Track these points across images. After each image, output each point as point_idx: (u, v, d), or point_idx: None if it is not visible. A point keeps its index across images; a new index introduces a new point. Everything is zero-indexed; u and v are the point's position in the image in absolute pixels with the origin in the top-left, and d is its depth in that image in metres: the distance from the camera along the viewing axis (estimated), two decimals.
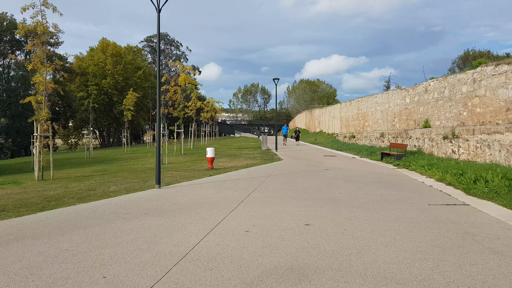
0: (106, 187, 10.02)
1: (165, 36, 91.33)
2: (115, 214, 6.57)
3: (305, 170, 13.70)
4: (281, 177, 11.57)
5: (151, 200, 7.87)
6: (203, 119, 37.88)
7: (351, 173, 12.82)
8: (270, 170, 13.51)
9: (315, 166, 15.00)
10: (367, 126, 27.32)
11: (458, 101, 15.41)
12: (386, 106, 23.54)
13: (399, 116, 21.51)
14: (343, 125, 34.61)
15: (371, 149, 21.58)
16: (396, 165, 15.39)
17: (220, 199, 7.93)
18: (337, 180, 10.97)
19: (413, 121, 19.72)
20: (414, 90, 19.77)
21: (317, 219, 6.18)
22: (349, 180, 11.09)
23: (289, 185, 9.94)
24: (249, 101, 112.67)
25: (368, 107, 27.26)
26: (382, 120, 24.30)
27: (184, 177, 11.80)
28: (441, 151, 15.46)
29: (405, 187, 9.80)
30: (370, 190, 9.25)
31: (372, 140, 24.18)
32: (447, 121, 16.24)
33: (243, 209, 6.92)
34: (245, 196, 8.33)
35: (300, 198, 8.13)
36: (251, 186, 9.73)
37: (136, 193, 8.78)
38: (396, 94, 22.06)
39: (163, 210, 6.88)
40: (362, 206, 7.28)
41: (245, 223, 5.88)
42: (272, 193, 8.77)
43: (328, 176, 11.86)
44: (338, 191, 9.01)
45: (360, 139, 27.06)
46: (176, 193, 8.68)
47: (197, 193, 8.68)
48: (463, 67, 50.48)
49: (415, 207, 7.17)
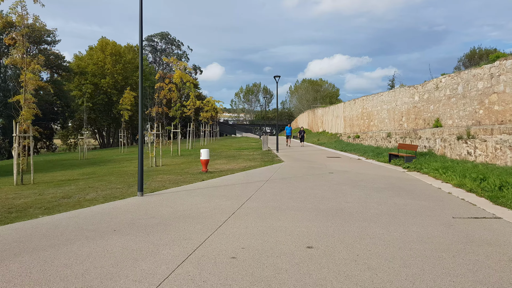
0: (84, 194, 8.92)
1: (166, 35, 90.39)
2: (78, 231, 5.46)
3: (308, 173, 12.57)
4: (280, 182, 10.45)
5: (127, 211, 6.76)
6: (203, 119, 36.77)
7: (358, 177, 11.68)
8: (269, 174, 12.38)
9: (318, 169, 13.87)
10: (373, 125, 26.14)
11: (473, 98, 14.24)
12: (393, 105, 22.36)
13: (407, 115, 20.33)
14: (347, 125, 33.43)
15: (378, 150, 20.41)
16: (405, 167, 14.23)
17: (209, 210, 6.82)
18: (343, 186, 9.84)
19: (422, 120, 18.54)
20: (423, 87, 18.59)
21: (322, 238, 5.06)
22: (356, 185, 9.95)
23: (289, 192, 8.82)
24: (251, 101, 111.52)
25: (373, 106, 26.08)
26: (388, 120, 23.13)
27: (174, 182, 10.69)
28: (454, 152, 14.28)
29: (421, 194, 8.65)
30: (381, 198, 8.11)
31: (378, 140, 23.01)
32: (461, 120, 15.06)
33: (233, 224, 5.80)
34: (238, 206, 7.21)
35: (301, 208, 7.00)
36: (246, 193, 8.61)
37: (114, 202, 7.68)
38: (404, 92, 20.88)
39: (137, 225, 5.78)
40: (374, 219, 6.15)
41: (233, 245, 4.76)
42: (270, 202, 7.64)
43: (333, 181, 10.72)
44: (345, 200, 7.88)
45: (365, 139, 25.89)
46: (159, 203, 7.56)
47: (183, 202, 7.56)
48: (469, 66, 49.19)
49: (438, 221, 6.03)
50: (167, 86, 18.06)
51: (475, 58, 54.79)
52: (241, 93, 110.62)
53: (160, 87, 17.84)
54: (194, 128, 29.57)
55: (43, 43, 43.32)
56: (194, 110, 30.45)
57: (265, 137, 26.38)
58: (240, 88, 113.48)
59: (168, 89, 18.11)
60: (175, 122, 23.12)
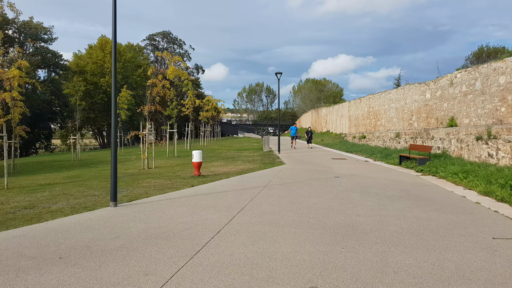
0: (52, 203, 7.70)
1: (168, 34, 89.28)
2: (14, 258, 4.23)
3: (311, 178, 11.29)
4: (280, 189, 9.18)
5: (89, 228, 5.52)
6: (203, 119, 35.54)
7: (368, 182, 10.39)
8: (269, 178, 11.11)
9: (323, 173, 12.59)
10: (379, 125, 24.82)
11: (493, 94, 12.91)
12: (402, 103, 21.04)
13: (418, 114, 19.00)
14: (352, 125, 32.11)
15: (386, 151, 19.10)
16: (419, 171, 12.92)
17: (190, 227, 5.57)
18: (352, 193, 8.55)
19: (434, 119, 17.21)
20: (436, 84, 17.26)
21: (330, 273, 3.79)
22: (367, 192, 8.67)
23: (289, 202, 7.55)
24: (254, 101, 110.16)
25: (380, 104, 24.76)
26: (397, 119, 21.80)
27: (159, 188, 9.45)
28: (473, 154, 12.96)
29: (444, 204, 7.36)
30: (398, 209, 6.83)
31: (386, 141, 21.68)
32: (479, 119, 13.74)
33: (216, 249, 4.55)
34: (227, 220, 5.96)
35: (303, 224, 5.74)
36: (239, 203, 7.35)
37: (79, 215, 6.44)
38: (414, 89, 19.55)
39: (93, 249, 4.53)
40: (395, 240, 4.88)
41: (209, 285, 3.50)
42: (265, 215, 6.38)
43: (340, 187, 9.44)
44: (356, 212, 6.61)
45: (371, 140, 24.56)
46: (132, 216, 6.32)
47: (161, 216, 6.32)
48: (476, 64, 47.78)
49: (477, 244, 4.75)
50: (160, 83, 16.83)
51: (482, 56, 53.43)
52: (244, 93, 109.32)
53: (153, 84, 16.62)
54: (193, 128, 28.31)
55: (39, 41, 42.30)
56: (193, 109, 29.22)
57: (266, 138, 25.11)
58: (243, 88, 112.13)
59: (161, 86, 16.89)
60: (171, 121, 21.90)
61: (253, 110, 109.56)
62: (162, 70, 16.63)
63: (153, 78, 16.59)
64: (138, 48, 70.97)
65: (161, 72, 16.79)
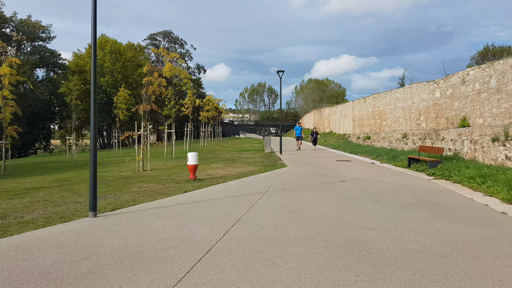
0: (27, 212, 6.90)
1: (169, 33, 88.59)
2: None
3: (315, 182, 10.45)
4: (281, 195, 8.35)
5: (57, 245, 4.71)
6: (203, 119, 34.74)
7: (377, 187, 9.55)
8: (269, 182, 10.28)
9: (328, 176, 11.74)
10: (385, 125, 23.95)
11: (510, 92, 12.05)
12: (409, 102, 20.17)
13: (426, 114, 18.14)
14: (356, 125, 31.25)
15: (392, 153, 18.24)
16: (430, 174, 12.07)
17: (175, 244, 4.75)
18: (361, 200, 7.72)
19: (445, 119, 16.35)
20: (446, 82, 16.39)
21: None
22: (377, 199, 7.84)
23: (291, 211, 6.72)
24: (256, 101, 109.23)
25: (386, 104, 23.89)
26: (403, 119, 20.93)
27: (149, 194, 8.64)
28: (488, 156, 12.09)
29: (466, 215, 6.52)
30: (416, 221, 6.00)
31: (392, 141, 20.81)
32: (494, 119, 12.88)
33: (202, 277, 3.73)
34: (219, 235, 5.14)
35: (308, 241, 4.91)
36: (235, 213, 6.54)
37: (51, 228, 5.64)
38: (422, 88, 18.68)
39: (52, 276, 3.72)
40: (419, 264, 4.05)
41: None
42: (264, 228, 5.56)
43: (347, 193, 8.60)
44: (368, 224, 5.78)
45: (377, 141, 23.69)
46: (111, 229, 5.51)
47: (144, 229, 5.50)
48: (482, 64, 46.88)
49: None
50: (156, 81, 16.03)
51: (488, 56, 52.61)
52: (246, 93, 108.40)
53: (149, 82, 15.82)
54: (193, 128, 27.53)
55: (37, 40, 41.61)
56: (193, 109, 28.45)
57: (267, 138, 24.28)
58: (245, 88, 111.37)
59: (157, 84, 16.08)
60: (169, 121, 21.10)
61: (255, 111, 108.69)
62: (158, 67, 15.70)
63: (149, 76, 15.78)
64: (139, 48, 70.23)
65: (157, 70, 15.99)
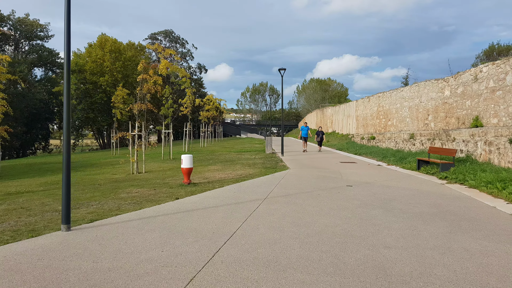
0: None
1: (170, 33, 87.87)
2: None
3: (319, 186, 9.64)
4: (283, 203, 7.55)
5: (11, 270, 3.92)
6: (203, 119, 33.95)
7: (387, 192, 8.73)
8: (269, 187, 9.48)
9: (333, 180, 10.93)
10: (390, 125, 23.11)
11: None
12: (416, 101, 19.32)
13: (435, 113, 17.29)
14: (359, 125, 30.41)
15: (399, 154, 17.41)
16: (442, 178, 11.25)
17: (154, 269, 3.96)
18: (372, 209, 6.91)
19: (455, 119, 15.51)
20: (456, 80, 15.55)
21: None
22: (389, 208, 7.03)
23: (294, 223, 5.92)
24: (258, 101, 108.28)
25: (391, 103, 23.05)
26: (410, 119, 20.09)
27: (137, 202, 7.85)
28: (505, 159, 11.25)
29: (494, 227, 5.70)
30: (437, 236, 5.18)
31: (399, 142, 19.97)
32: (510, 118, 12.04)
33: None
34: (208, 255, 4.34)
35: (313, 264, 4.11)
36: (229, 226, 5.74)
37: (13, 245, 4.85)
38: (430, 86, 17.83)
39: None
40: None
41: None
42: (262, 246, 4.76)
43: (356, 200, 7.80)
44: (383, 240, 4.97)
45: (382, 141, 22.85)
46: (83, 246, 4.71)
47: (122, 247, 4.71)
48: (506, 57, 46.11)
49: None
50: (151, 79, 15.25)
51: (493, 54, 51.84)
52: (248, 92, 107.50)
53: (143, 80, 15.04)
54: (192, 128, 26.75)
55: (35, 39, 40.93)
56: (192, 108, 27.67)
57: (269, 139, 23.47)
58: (247, 88, 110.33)
59: (153, 82, 15.31)
60: (167, 121, 20.34)
61: (256, 110, 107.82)
62: (153, 64, 14.90)
63: (144, 74, 15.01)
64: (140, 47, 69.45)
65: (152, 67, 15.22)
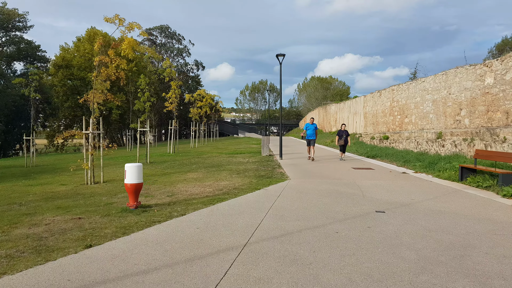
0: None
1: (166, 28, 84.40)
2: None
3: (335, 213, 6.25)
4: (275, 256, 4.16)
5: None
6: (193, 116, 30.54)
7: (447, 228, 5.33)
8: (257, 216, 6.09)
9: (351, 198, 7.54)
10: (408, 123, 19.71)
11: None
12: (443, 93, 15.92)
13: (471, 107, 13.89)
14: (368, 123, 27.01)
15: (425, 158, 14.03)
16: (507, 195, 7.87)
17: None
18: (445, 278, 3.52)
19: (502, 113, 12.11)
20: (503, 64, 12.16)
21: None
22: (475, 275, 3.64)
23: None
24: (257, 99, 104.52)
25: (408, 97, 19.65)
26: (435, 114, 16.68)
27: (19, 252, 4.46)
28: None
29: None
30: None
31: (421, 143, 16.57)
32: None
33: None
34: None
35: None
36: None
37: None
38: (464, 74, 14.43)
39: None
40: None
41: None
42: None
43: (404, 249, 4.40)
44: None
45: (398, 141, 19.46)
46: None
47: None
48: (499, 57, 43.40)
49: None
50: (113, 62, 11.87)
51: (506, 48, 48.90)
52: (247, 90, 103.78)
53: (102, 62, 11.66)
54: (178, 127, 23.37)
55: (13, 30, 37.52)
56: (179, 104, 24.29)
57: (265, 138, 20.07)
58: (246, 86, 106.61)
59: (115, 66, 11.92)
60: (143, 117, 16.94)
61: (256, 109, 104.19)
62: (114, 43, 11.42)
63: (101, 55, 11.62)
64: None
65: (113, 47, 11.86)
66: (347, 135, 16.69)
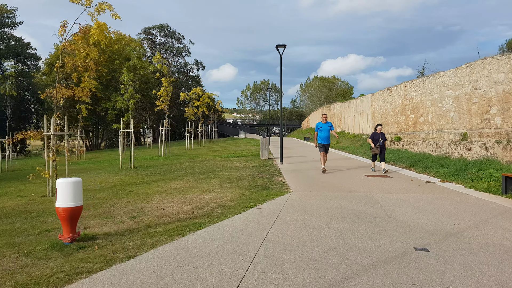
0: None
1: (165, 27, 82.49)
2: None
3: (356, 255, 4.27)
4: None
5: None
6: (189, 116, 28.61)
7: None
8: (241, 263, 4.12)
9: (374, 224, 5.56)
10: (423, 122, 17.68)
11: None
12: (467, 89, 13.90)
13: (504, 103, 11.87)
14: (376, 123, 24.94)
15: (446, 162, 12.05)
16: None
17: None
18: None
19: None
20: None
21: None
22: None
23: None
24: (259, 100, 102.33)
25: (424, 93, 17.63)
26: (457, 113, 14.66)
27: None
28: None
29: None
30: None
31: (442, 145, 14.55)
32: None
33: None
34: None
35: None
36: None
37: None
38: (494, 65, 12.41)
39: None
40: None
41: None
42: None
43: None
44: None
45: (412, 143, 17.44)
46: None
47: None
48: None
49: None
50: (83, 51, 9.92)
51: None
52: (248, 91, 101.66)
53: (66, 51, 9.73)
54: (169, 127, 21.44)
55: (1, 26, 35.71)
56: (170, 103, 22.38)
57: (264, 140, 18.10)
58: (247, 86, 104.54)
59: (84, 55, 9.98)
60: (126, 117, 15.02)
61: (258, 110, 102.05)
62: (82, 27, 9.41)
63: (67, 41, 9.68)
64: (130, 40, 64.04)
65: (81, 31, 9.93)
66: (384, 139, 12.47)
